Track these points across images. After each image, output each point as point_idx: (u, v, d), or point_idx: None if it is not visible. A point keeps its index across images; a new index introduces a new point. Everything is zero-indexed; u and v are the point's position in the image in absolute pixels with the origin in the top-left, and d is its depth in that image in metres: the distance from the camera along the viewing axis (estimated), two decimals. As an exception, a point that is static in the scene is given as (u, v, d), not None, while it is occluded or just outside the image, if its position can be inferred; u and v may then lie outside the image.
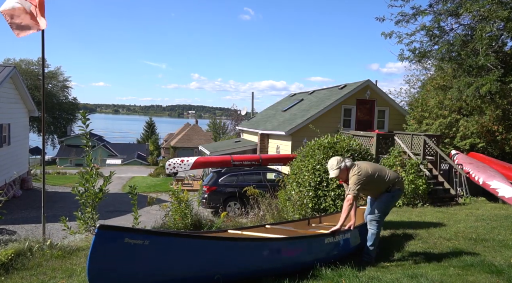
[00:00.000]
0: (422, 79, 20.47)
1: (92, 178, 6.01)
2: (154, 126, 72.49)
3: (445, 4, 11.98)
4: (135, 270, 2.94)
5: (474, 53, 11.21)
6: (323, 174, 7.84)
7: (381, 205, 4.57)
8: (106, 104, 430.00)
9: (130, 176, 32.70)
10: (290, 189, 8.34)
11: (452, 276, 3.88)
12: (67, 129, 55.75)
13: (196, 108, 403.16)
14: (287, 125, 18.01)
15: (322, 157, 8.06)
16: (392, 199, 4.65)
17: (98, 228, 2.76)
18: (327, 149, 8.23)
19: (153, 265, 2.98)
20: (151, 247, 2.93)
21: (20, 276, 4.18)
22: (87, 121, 6.16)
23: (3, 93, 15.76)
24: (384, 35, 12.39)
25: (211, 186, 13.90)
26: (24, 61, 48.20)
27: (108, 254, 2.79)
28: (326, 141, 8.43)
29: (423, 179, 9.83)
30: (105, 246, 2.75)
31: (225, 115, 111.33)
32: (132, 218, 6.34)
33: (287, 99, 27.04)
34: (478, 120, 12.98)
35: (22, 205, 15.41)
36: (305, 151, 8.73)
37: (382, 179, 4.57)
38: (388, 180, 4.59)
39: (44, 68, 6.62)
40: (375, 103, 18.44)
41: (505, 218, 7.03)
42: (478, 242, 5.33)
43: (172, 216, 6.49)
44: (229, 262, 3.50)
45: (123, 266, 2.87)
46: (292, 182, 8.44)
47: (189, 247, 3.22)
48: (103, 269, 2.80)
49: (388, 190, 4.57)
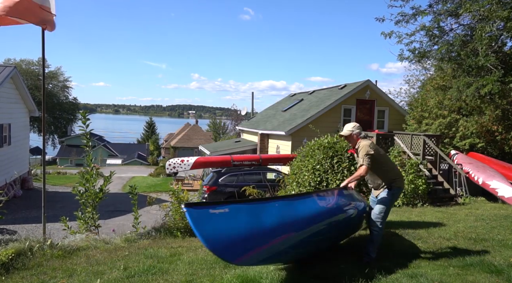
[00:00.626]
0: (421, 79, 20.50)
1: (92, 178, 6.03)
2: (154, 126, 72.51)
3: (445, 4, 11.98)
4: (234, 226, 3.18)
5: (474, 53, 11.22)
6: (323, 174, 7.86)
7: (382, 205, 4.58)
8: (106, 104, 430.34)
9: (130, 176, 32.72)
10: (290, 189, 8.36)
11: (452, 276, 3.89)
12: (67, 129, 55.77)
13: (196, 108, 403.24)
14: (287, 125, 18.02)
15: (322, 157, 8.07)
16: (392, 198, 4.65)
17: (185, 206, 3.03)
18: (327, 149, 8.24)
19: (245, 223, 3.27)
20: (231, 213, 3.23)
21: (21, 276, 4.19)
22: (87, 121, 6.18)
23: (4, 93, 15.77)
24: (384, 35, 12.40)
25: (211, 186, 13.90)
26: (25, 61, 48.24)
27: (206, 222, 3.06)
28: (326, 141, 8.44)
29: (423, 179, 9.85)
30: (198, 219, 3.03)
31: (225, 115, 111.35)
32: (133, 218, 6.36)
33: (287, 99, 27.05)
34: (478, 120, 12.99)
35: (23, 205, 15.42)
36: (305, 151, 8.74)
37: (387, 165, 4.64)
38: (392, 171, 4.64)
39: (44, 68, 6.63)
40: (375, 103, 18.45)
41: (505, 218, 7.04)
42: (478, 242, 5.33)
43: (172, 216, 6.50)
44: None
45: (225, 228, 3.13)
46: (292, 182, 8.45)
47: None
48: (213, 234, 3.05)
49: (390, 186, 4.57)
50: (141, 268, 4.20)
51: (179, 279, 3.88)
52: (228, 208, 3.19)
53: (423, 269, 4.10)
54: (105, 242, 5.52)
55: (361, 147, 4.53)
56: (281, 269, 4.10)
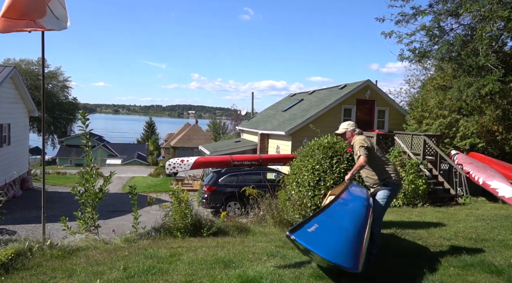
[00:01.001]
0: (422, 79, 20.50)
1: (92, 178, 6.01)
2: (154, 126, 72.49)
3: (445, 4, 11.98)
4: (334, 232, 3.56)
5: (474, 53, 11.21)
6: (322, 174, 7.84)
7: (380, 203, 4.58)
8: (106, 104, 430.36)
9: (130, 176, 32.71)
10: (290, 189, 8.33)
11: (452, 276, 3.88)
12: (67, 129, 55.75)
13: (196, 108, 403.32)
14: (287, 125, 18.01)
15: (321, 157, 8.05)
16: (390, 195, 4.65)
17: (290, 232, 3.29)
18: (327, 149, 8.22)
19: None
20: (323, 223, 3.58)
21: (20, 276, 4.18)
22: (87, 121, 6.16)
23: (3, 93, 15.76)
24: (384, 35, 12.40)
25: (211, 186, 13.89)
26: (24, 61, 48.23)
27: (315, 239, 3.35)
28: (326, 141, 8.42)
29: (423, 179, 9.84)
30: (307, 239, 3.31)
31: (225, 115, 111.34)
32: (132, 218, 6.34)
33: (287, 99, 27.04)
34: (478, 120, 12.98)
35: (22, 205, 15.40)
36: (304, 151, 8.72)
37: (381, 160, 4.73)
38: (388, 166, 4.70)
39: (44, 68, 6.62)
40: (375, 103, 18.45)
41: (505, 218, 7.04)
42: (478, 242, 5.33)
43: (172, 216, 6.48)
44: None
45: (328, 238, 3.44)
46: (292, 182, 8.43)
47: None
48: (328, 247, 3.33)
49: (386, 182, 4.59)
50: (141, 268, 4.19)
51: (179, 279, 3.86)
52: (316, 223, 3.50)
53: (424, 269, 4.09)
54: (104, 242, 5.51)
55: (356, 141, 4.74)
56: (281, 269, 4.09)
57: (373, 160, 4.69)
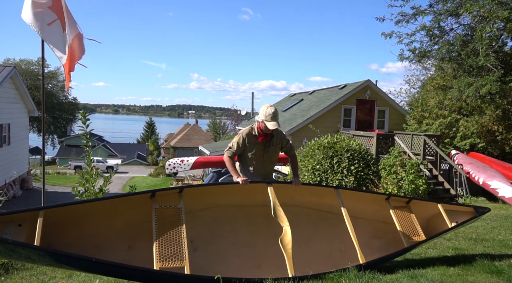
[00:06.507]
0: (422, 79, 20.49)
1: (92, 178, 6.00)
2: (154, 126, 72.47)
3: (445, 4, 11.98)
4: None
5: (474, 53, 11.21)
6: (323, 174, 7.85)
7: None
8: (106, 104, 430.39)
9: (130, 176, 32.70)
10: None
11: (452, 276, 3.87)
12: (67, 129, 55.72)
13: (196, 108, 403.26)
14: (287, 125, 18.00)
15: (321, 157, 8.06)
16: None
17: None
18: (327, 149, 8.23)
19: None
20: None
21: (20, 276, 4.18)
22: (87, 121, 6.15)
23: (3, 93, 15.75)
24: (384, 35, 12.41)
25: (211, 186, 13.87)
26: (24, 61, 48.18)
27: None
28: (326, 141, 8.43)
29: (423, 179, 9.83)
30: None
31: (225, 115, 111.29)
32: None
33: (287, 99, 27.04)
34: (478, 120, 12.97)
35: (22, 205, 15.41)
36: (305, 151, 8.73)
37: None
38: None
39: (44, 68, 6.62)
40: (375, 103, 18.44)
41: (505, 218, 7.04)
42: (478, 242, 5.33)
43: (172, 216, 6.48)
44: None
45: None
46: (292, 182, 8.43)
47: None
48: None
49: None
50: (140, 268, 4.18)
51: (179, 280, 3.86)
52: None
53: (424, 269, 4.08)
54: (104, 242, 5.50)
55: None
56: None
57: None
